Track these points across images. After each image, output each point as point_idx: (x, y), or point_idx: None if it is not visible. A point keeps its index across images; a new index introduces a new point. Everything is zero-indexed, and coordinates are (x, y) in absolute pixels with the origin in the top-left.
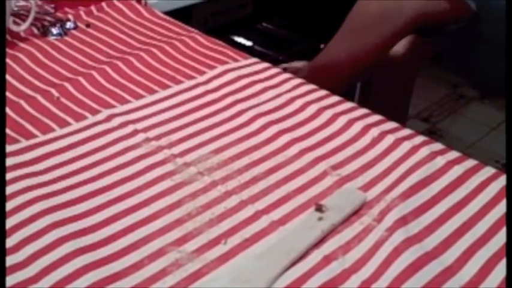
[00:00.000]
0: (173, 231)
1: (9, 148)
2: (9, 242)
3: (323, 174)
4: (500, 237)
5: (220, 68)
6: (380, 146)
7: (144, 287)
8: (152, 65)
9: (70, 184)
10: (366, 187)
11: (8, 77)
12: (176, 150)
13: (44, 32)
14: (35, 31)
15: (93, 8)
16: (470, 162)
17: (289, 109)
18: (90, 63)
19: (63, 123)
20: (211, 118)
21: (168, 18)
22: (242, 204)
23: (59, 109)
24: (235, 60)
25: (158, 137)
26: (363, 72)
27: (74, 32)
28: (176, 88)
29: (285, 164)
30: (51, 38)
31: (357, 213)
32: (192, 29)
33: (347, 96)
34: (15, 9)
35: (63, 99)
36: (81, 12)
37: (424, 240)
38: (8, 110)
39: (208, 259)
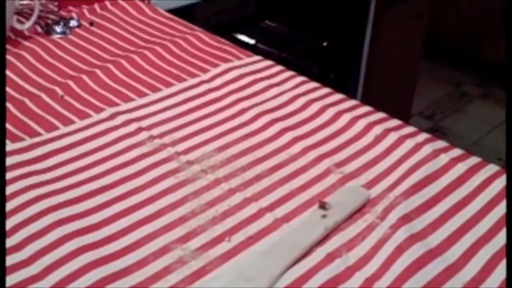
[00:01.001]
0: (177, 229)
1: (13, 146)
2: (13, 240)
3: (326, 172)
4: (504, 235)
5: (224, 66)
6: (383, 143)
7: (148, 284)
8: (155, 63)
9: (74, 182)
10: (369, 185)
11: (12, 75)
12: (180, 148)
13: (48, 31)
14: (39, 29)
15: (96, 6)
16: (474, 160)
17: (292, 107)
18: (93, 61)
19: (67, 121)
20: (215, 116)
21: (171, 16)
22: (246, 202)
23: (63, 107)
24: (239, 58)
25: (162, 135)
26: None
27: (77, 30)
28: (180, 86)
29: (288, 161)
30: (55, 37)
31: (360, 210)
32: (196, 27)
33: (349, 94)
34: (19, 7)
35: (67, 98)
36: (85, 11)
37: (427, 237)
38: (12, 108)
39: (212, 257)
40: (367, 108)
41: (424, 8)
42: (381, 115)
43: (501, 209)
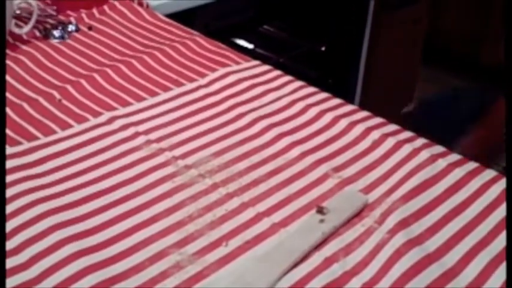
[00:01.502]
0: (174, 233)
1: (11, 150)
2: (11, 244)
3: (324, 177)
4: (501, 240)
5: (222, 71)
6: (381, 148)
7: None
8: (153, 68)
9: (71, 186)
10: (367, 189)
11: (10, 79)
12: (177, 152)
13: (46, 35)
14: (37, 34)
15: (95, 10)
16: (471, 165)
17: (290, 112)
18: (91, 65)
19: (64, 125)
20: (212, 120)
21: (169, 21)
22: (243, 207)
23: (61, 111)
24: (237, 62)
25: (159, 140)
26: None
27: (75, 34)
28: (177, 90)
29: (285, 166)
30: (53, 41)
31: (358, 215)
32: (194, 32)
33: (347, 98)
34: (18, 11)
35: (65, 102)
36: (83, 15)
37: (425, 242)
38: (10, 112)
39: (209, 261)
40: (365, 113)
41: (422, 13)
42: (379, 120)
43: (499, 213)
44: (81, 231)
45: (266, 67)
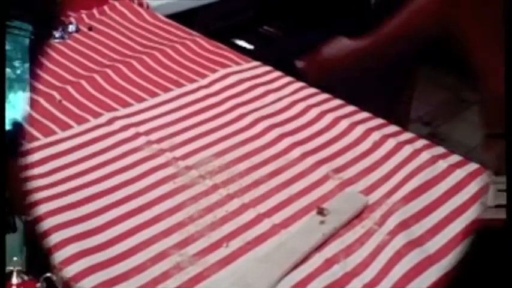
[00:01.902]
0: (175, 234)
1: None
2: None
3: (324, 178)
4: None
5: (222, 71)
6: (381, 149)
7: None
8: (154, 68)
9: (71, 187)
10: (368, 191)
11: None
12: (178, 153)
13: None
14: None
15: (95, 11)
16: (472, 166)
17: (290, 113)
18: (92, 66)
19: (65, 126)
20: (213, 121)
21: (170, 21)
22: (244, 208)
23: (61, 112)
24: (237, 63)
25: (160, 140)
26: None
27: (76, 35)
28: (178, 91)
29: (286, 167)
30: (53, 41)
31: (358, 216)
32: (194, 33)
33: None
34: None
35: (65, 102)
36: (83, 16)
37: (425, 243)
38: None
39: (210, 262)
40: (365, 114)
41: None
42: (379, 121)
43: None
44: (82, 231)
45: (266, 68)
